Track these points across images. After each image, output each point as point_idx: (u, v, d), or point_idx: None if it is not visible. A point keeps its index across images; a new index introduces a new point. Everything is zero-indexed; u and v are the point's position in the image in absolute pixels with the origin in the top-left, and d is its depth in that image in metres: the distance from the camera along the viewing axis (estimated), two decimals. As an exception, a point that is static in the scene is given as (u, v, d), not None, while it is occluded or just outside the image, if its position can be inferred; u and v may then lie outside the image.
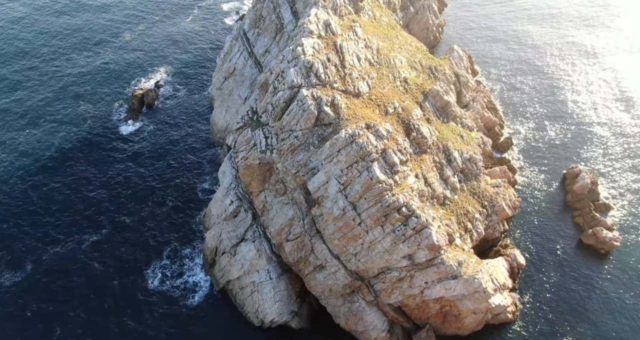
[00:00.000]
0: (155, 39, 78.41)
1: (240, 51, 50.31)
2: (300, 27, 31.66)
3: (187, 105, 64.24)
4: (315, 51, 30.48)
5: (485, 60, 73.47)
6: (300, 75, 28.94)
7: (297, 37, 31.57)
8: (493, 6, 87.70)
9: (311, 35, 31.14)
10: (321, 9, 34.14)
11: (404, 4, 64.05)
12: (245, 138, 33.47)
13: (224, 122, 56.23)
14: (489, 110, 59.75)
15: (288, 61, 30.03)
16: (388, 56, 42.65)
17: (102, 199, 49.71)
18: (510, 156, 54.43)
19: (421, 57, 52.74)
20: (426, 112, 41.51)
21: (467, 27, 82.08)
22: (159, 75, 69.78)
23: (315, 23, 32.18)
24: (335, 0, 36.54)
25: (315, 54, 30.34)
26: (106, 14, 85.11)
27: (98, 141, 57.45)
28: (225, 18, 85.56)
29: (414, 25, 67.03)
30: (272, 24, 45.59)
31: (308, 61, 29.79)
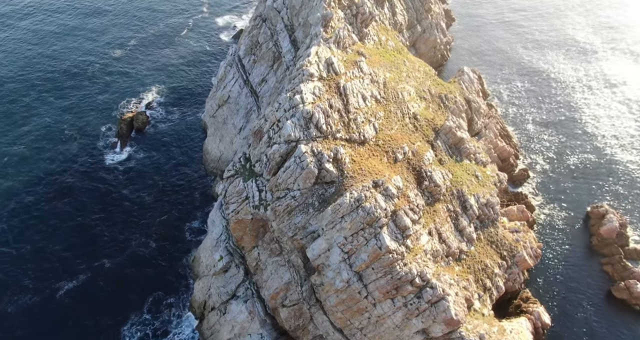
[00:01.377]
0: (148, 55, 74.38)
1: (235, 78, 46.52)
2: (299, 70, 27.85)
3: (180, 130, 60.07)
4: (315, 97, 26.58)
5: (497, 81, 68.98)
6: (298, 127, 25.11)
7: (295, 80, 27.74)
8: (503, 23, 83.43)
9: (311, 79, 27.28)
10: (323, 45, 30.33)
11: (411, 23, 60.28)
12: (237, 189, 29.63)
13: (218, 151, 52.37)
14: (502, 138, 55.66)
15: (285, 110, 26.20)
16: (395, 89, 38.74)
17: (82, 238, 45.36)
18: (527, 190, 50.29)
19: (430, 84, 48.85)
20: (438, 151, 37.59)
21: (476, 44, 77.59)
22: (151, 95, 65.80)
23: (316, 63, 28.37)
24: (338, 33, 32.75)
25: (316, 101, 26.44)
26: (96, 28, 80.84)
27: (82, 171, 53.01)
28: (220, 33, 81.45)
29: (421, 45, 63.19)
30: (269, 52, 41.79)
31: (307, 111, 25.92)
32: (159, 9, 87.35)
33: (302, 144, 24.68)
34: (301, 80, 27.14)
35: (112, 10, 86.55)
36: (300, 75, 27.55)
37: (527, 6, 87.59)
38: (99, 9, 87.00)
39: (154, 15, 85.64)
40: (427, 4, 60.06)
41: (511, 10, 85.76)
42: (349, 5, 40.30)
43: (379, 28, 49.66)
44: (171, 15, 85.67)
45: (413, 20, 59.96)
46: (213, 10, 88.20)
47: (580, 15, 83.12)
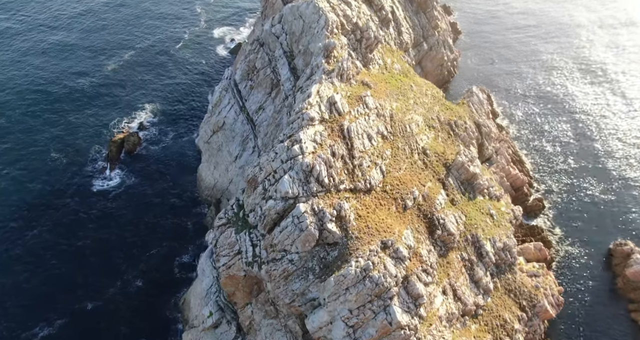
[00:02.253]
0: (142, 71, 70.81)
1: (230, 104, 43.50)
2: (299, 113, 24.76)
3: (173, 152, 56.40)
4: (317, 145, 23.55)
5: (507, 99, 65.09)
6: (297, 182, 22.11)
7: (294, 125, 24.68)
8: (511, 35, 79.18)
9: (312, 123, 24.28)
10: (324, 82, 27.31)
11: (417, 41, 57.26)
12: (228, 241, 26.57)
13: (212, 179, 49.31)
14: (514, 164, 52.38)
15: (282, 161, 23.18)
16: (403, 122, 35.66)
17: (62, 276, 41.74)
18: (542, 222, 46.92)
19: (439, 110, 45.74)
20: (450, 190, 34.51)
21: (484, 59, 73.70)
22: (144, 114, 62.63)
23: (317, 104, 25.34)
24: (341, 65, 29.79)
25: (317, 150, 23.41)
26: (89, 42, 76.91)
27: (68, 199, 49.30)
28: (217, 46, 78.01)
29: (427, 63, 60.16)
30: (267, 79, 38.78)
31: (307, 164, 22.90)
32: (155, 20, 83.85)
33: (301, 203, 21.68)
34: (300, 126, 24.11)
35: (107, 23, 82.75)
36: (300, 120, 24.52)
37: (535, 21, 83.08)
38: (92, 21, 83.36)
39: (150, 27, 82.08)
40: (434, 21, 57.13)
41: (519, 24, 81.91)
42: (353, 30, 37.33)
43: (384, 50, 46.64)
44: (167, 28, 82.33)
45: (419, 37, 56.99)
46: (210, 22, 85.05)
47: (594, 33, 78.94)
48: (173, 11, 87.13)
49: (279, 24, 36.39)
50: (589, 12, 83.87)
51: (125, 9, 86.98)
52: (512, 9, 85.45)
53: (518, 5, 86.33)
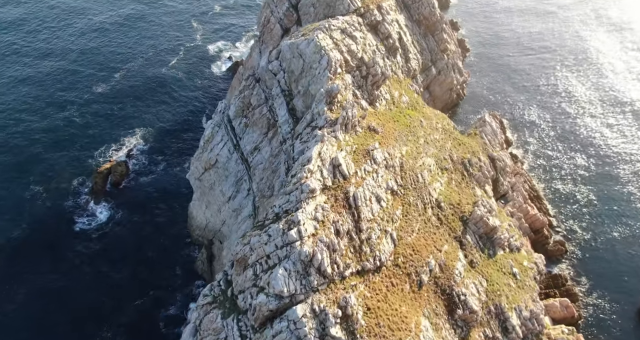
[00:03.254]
0: (133, 92, 65.96)
1: (223, 141, 39.74)
2: (297, 184, 21.06)
3: (164, 185, 52.00)
4: (318, 224, 19.94)
5: (520, 125, 60.71)
6: (294, 276, 18.41)
7: (291, 197, 21.04)
8: (523, 54, 74.33)
9: (312, 196, 20.69)
10: (327, 140, 23.62)
11: (425, 65, 53.53)
12: (214, 326, 22.76)
13: (204, 219, 45.47)
14: (532, 201, 48.39)
15: (277, 246, 19.48)
16: (414, 170, 31.90)
17: (30, 332, 37.10)
18: (566, 268, 42.68)
19: (451, 146, 42.01)
20: (468, 249, 30.72)
21: (494, 79, 69.28)
22: (134, 140, 58.47)
23: (319, 169, 21.67)
24: (345, 114, 26.10)
25: (319, 230, 19.78)
26: (80, 59, 72.30)
27: (44, 239, 44.54)
28: (211, 63, 73.26)
29: (436, 87, 56.41)
30: (263, 118, 35.06)
31: (306, 254, 19.22)
32: (149, 36, 79.16)
33: (298, 305, 17.98)
34: (299, 200, 20.42)
35: (99, 38, 78.30)
36: (299, 192, 20.86)
37: (549, 42, 77.87)
38: (84, 36, 79.04)
39: (144, 43, 77.50)
40: (443, 44, 53.46)
41: (531, 40, 77.78)
42: (358, 66, 33.62)
43: (391, 81, 42.82)
44: (161, 43, 77.70)
45: (427, 62, 53.23)
46: (206, 37, 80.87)
47: (616, 53, 73.99)
48: (168, 26, 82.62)
49: (276, 61, 32.71)
50: (607, 33, 79.25)
51: (119, 23, 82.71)
52: (523, 27, 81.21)
53: (529, 24, 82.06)
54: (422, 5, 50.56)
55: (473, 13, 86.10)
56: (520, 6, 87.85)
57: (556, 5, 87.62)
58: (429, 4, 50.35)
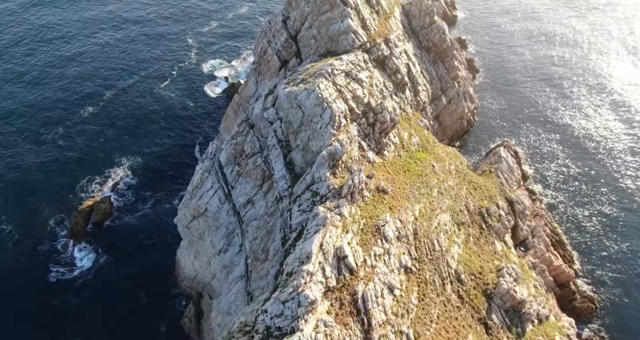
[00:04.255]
0: (122, 115, 61.70)
1: (214, 189, 35.73)
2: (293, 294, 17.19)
3: (151, 224, 47.22)
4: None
5: (536, 154, 56.01)
6: None
7: (286, 309, 17.13)
8: (536, 74, 69.44)
9: (312, 307, 16.73)
10: (330, 225, 19.84)
11: (435, 95, 49.57)
12: None
13: (192, 269, 41.31)
14: (555, 248, 43.93)
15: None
16: (429, 236, 27.89)
17: None
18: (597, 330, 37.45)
19: (467, 194, 37.93)
20: (495, 333, 26.77)
21: (505, 103, 64.39)
22: (120, 171, 53.98)
23: (321, 266, 17.73)
24: (352, 182, 22.24)
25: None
26: (67, 77, 67.76)
27: (12, 293, 39.31)
28: (206, 84, 68.59)
29: (446, 117, 52.33)
30: (257, 169, 31.09)
31: None
32: (142, 53, 74.83)
33: None
34: (295, 316, 16.43)
35: (89, 55, 73.80)
36: (295, 304, 16.86)
37: (562, 57, 73.80)
38: (74, 53, 74.21)
39: (136, 60, 72.67)
40: (454, 72, 49.50)
41: (545, 65, 72.83)
42: (365, 112, 29.67)
43: (400, 119, 39.04)
44: (155, 61, 72.99)
45: (437, 91, 49.26)
46: (201, 54, 76.46)
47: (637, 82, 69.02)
48: (163, 43, 77.90)
49: (272, 109, 28.80)
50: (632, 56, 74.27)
51: (111, 39, 78.48)
52: (535, 45, 76.71)
53: (541, 44, 77.38)
54: (431, 32, 46.73)
55: (481, 29, 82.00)
56: (531, 22, 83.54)
57: (568, 25, 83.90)
58: (439, 30, 46.50)
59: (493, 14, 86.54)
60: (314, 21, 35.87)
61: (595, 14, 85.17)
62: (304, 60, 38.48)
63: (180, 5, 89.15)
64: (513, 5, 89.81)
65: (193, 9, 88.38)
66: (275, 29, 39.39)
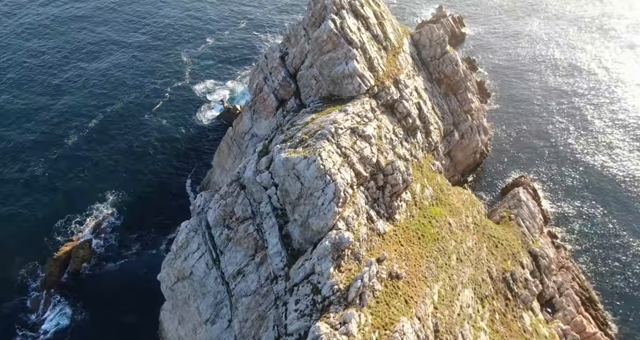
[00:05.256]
0: (109, 144, 56.93)
1: (201, 251, 31.30)
2: None
3: (134, 274, 42.26)
4: None
5: (557, 190, 51.01)
6: None
7: None
8: (553, 98, 64.52)
9: None
10: (333, 317, 15.67)
11: (447, 130, 45.02)
12: None
13: (176, 336, 36.33)
14: (585, 308, 39.03)
15: None
16: (452, 329, 23.68)
17: None
18: None
19: (488, 255, 33.66)
20: None
21: (521, 131, 59.49)
22: (103, 209, 48.92)
23: None
24: (362, 283, 17.93)
25: None
26: (48, 101, 62.97)
27: None
28: (199, 108, 63.83)
29: (458, 152, 47.92)
30: (248, 238, 26.78)
31: None
32: (134, 73, 69.92)
33: None
34: None
35: (76, 77, 68.63)
36: None
37: (585, 83, 68.02)
38: (59, 75, 68.94)
39: (127, 81, 67.77)
40: (467, 105, 45.17)
41: (563, 85, 68.21)
42: (373, 174, 25.43)
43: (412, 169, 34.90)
44: (146, 82, 68.06)
45: (449, 126, 44.87)
46: (195, 74, 71.65)
47: None
48: (155, 62, 72.83)
49: (267, 173, 24.58)
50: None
51: (101, 59, 73.10)
52: (550, 68, 71.91)
53: (561, 62, 72.76)
54: (442, 63, 42.53)
55: (492, 48, 77.29)
56: (547, 41, 78.80)
57: (585, 41, 79.19)
58: (452, 61, 42.28)
59: (505, 31, 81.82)
60: (315, 60, 31.78)
61: (616, 40, 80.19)
62: (303, 101, 34.33)
63: (176, 21, 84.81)
64: (526, 24, 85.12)
65: (189, 25, 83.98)
66: (272, 65, 35.23)
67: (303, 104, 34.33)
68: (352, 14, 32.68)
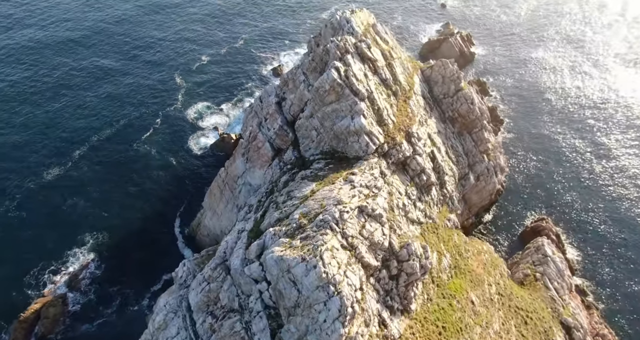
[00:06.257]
0: (92, 179, 52.35)
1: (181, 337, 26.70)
2: None
3: (113, 337, 37.64)
4: None
5: (581, 234, 46.20)
6: None
7: None
8: (571, 127, 60.03)
9: None
10: None
11: (462, 174, 41.09)
12: None
13: None
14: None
15: None
16: None
17: None
18: None
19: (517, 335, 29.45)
20: None
21: (538, 165, 54.53)
22: (81, 255, 43.71)
23: None
24: None
25: None
26: (30, 132, 58.18)
27: None
28: (192, 136, 59.37)
29: (472, 195, 43.23)
30: (235, 336, 22.05)
31: None
32: (124, 97, 65.31)
33: None
34: None
35: (62, 99, 64.12)
36: None
37: (607, 111, 63.37)
38: (43, 97, 64.62)
39: (117, 106, 63.36)
40: (484, 145, 40.69)
41: (579, 109, 63.69)
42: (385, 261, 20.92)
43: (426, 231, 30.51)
44: (138, 107, 63.54)
45: (464, 168, 40.34)
46: (189, 96, 66.77)
47: None
48: (148, 83, 68.40)
49: (257, 264, 20.13)
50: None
51: (88, 83, 67.98)
52: (571, 89, 67.22)
53: (583, 88, 67.57)
54: (457, 101, 38.08)
55: (503, 69, 72.73)
56: (566, 59, 74.06)
57: (606, 67, 74.11)
58: (467, 99, 37.83)
59: (518, 51, 76.76)
60: (316, 111, 27.60)
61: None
62: (302, 153, 30.02)
63: (169, 40, 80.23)
64: (540, 42, 79.83)
65: (183, 43, 79.61)
66: (268, 111, 30.98)
67: (302, 157, 30.07)
68: (358, 57, 28.57)
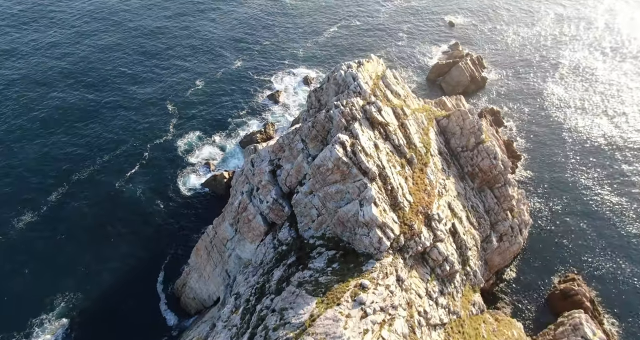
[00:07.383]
0: (65, 224, 47.21)
1: None
2: None
3: None
4: None
5: (613, 291, 40.83)
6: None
7: None
8: (594, 164, 54.06)
9: None
10: None
11: (484, 235, 35.65)
12: None
13: None
14: None
15: None
16: None
17: None
18: None
19: None
20: None
21: (562, 210, 48.71)
22: (49, 325, 38.23)
23: None
24: None
25: None
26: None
27: None
28: (181, 172, 54.44)
29: (495, 257, 37.82)
30: None
31: None
32: (109, 128, 60.38)
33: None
34: None
35: (35, 129, 59.08)
36: None
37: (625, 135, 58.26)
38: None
39: (102, 138, 58.33)
40: (508, 202, 35.41)
41: (601, 145, 57.92)
42: None
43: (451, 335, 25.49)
44: (125, 139, 58.40)
45: (486, 230, 35.60)
46: (180, 126, 61.47)
47: None
48: (136, 112, 63.14)
49: None
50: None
51: (72, 110, 62.84)
52: (595, 117, 61.40)
53: (603, 116, 61.70)
54: (478, 156, 33.04)
55: (518, 95, 67.08)
56: (586, 82, 67.83)
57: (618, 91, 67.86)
58: (489, 153, 32.77)
59: (535, 76, 70.72)
60: (316, 189, 22.77)
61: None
62: (301, 233, 25.04)
63: (161, 61, 75.26)
64: (557, 65, 72.88)
65: (177, 66, 74.74)
66: (260, 180, 26.14)
67: (300, 237, 25.16)
68: (367, 122, 23.82)
